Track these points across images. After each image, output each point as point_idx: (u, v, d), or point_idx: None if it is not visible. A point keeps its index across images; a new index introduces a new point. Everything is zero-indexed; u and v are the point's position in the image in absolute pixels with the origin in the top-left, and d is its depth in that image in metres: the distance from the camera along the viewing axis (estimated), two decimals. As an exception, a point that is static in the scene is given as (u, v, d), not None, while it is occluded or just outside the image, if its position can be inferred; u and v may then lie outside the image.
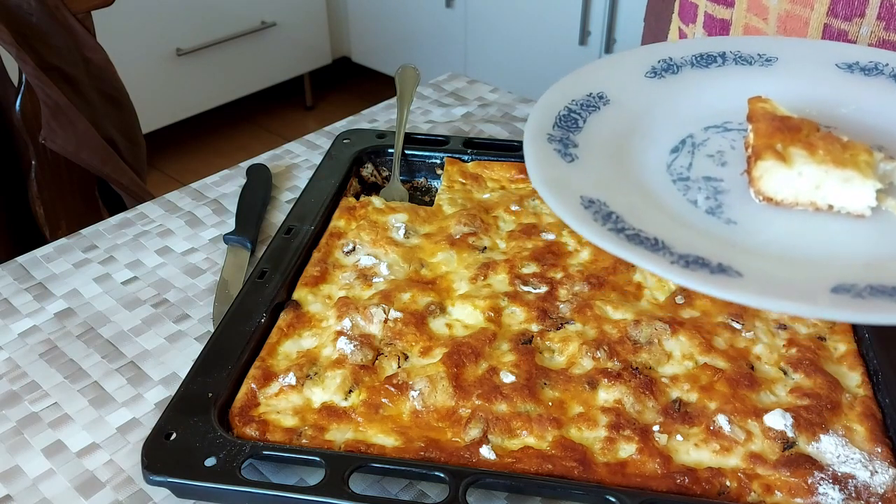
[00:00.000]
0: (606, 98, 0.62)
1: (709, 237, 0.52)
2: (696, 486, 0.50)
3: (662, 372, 0.58)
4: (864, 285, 0.45)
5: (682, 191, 0.56)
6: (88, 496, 0.53)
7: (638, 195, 0.55)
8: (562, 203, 0.52)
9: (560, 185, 0.54)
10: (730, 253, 0.49)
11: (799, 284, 0.46)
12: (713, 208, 0.54)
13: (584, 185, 0.54)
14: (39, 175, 1.08)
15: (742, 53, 0.64)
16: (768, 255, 0.50)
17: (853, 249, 0.51)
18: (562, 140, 0.58)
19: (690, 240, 0.50)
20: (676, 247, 0.49)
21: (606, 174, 0.56)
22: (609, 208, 0.52)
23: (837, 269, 0.48)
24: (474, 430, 0.53)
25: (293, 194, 0.82)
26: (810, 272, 0.48)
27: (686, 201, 0.55)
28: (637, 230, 0.50)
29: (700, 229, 0.52)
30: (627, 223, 0.51)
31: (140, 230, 0.78)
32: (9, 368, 0.63)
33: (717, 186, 0.56)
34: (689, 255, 0.48)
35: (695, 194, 0.56)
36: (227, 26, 2.49)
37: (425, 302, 0.63)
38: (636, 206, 0.53)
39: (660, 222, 0.52)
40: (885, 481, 0.50)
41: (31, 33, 1.03)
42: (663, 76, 0.64)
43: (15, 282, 0.71)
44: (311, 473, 0.53)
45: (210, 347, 0.58)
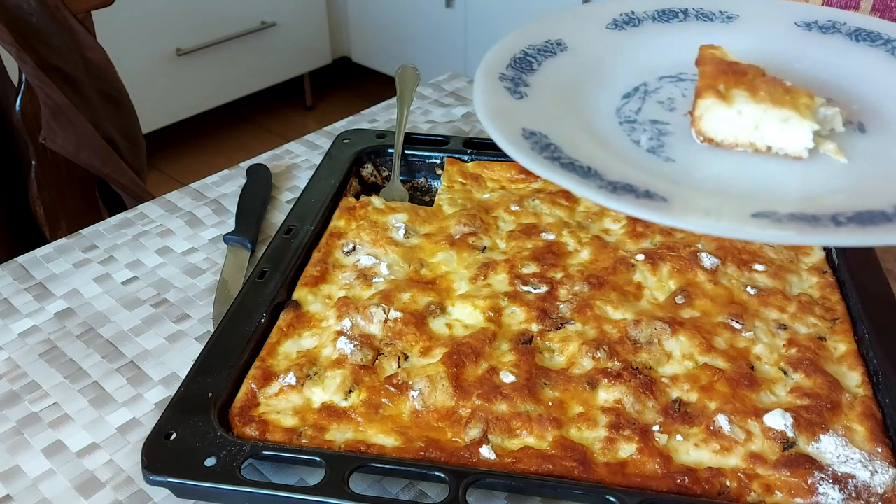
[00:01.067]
0: (564, 45, 0.63)
1: (643, 170, 0.52)
2: (696, 486, 0.50)
3: (662, 372, 0.58)
4: (785, 213, 0.46)
5: (628, 132, 0.56)
6: (88, 496, 0.53)
7: (581, 131, 0.55)
8: (502, 131, 0.52)
9: (503, 115, 0.55)
10: (660, 183, 0.50)
11: (721, 209, 0.47)
12: (655, 147, 0.55)
13: (527, 119, 0.55)
14: (39, 175, 1.08)
15: (704, 10, 0.65)
16: (699, 188, 0.51)
17: (785, 187, 0.51)
18: (513, 79, 0.59)
19: (623, 170, 0.51)
20: (608, 175, 0.50)
21: (552, 111, 0.57)
22: (549, 140, 0.53)
23: (763, 201, 0.48)
24: (474, 430, 0.53)
25: (293, 194, 0.82)
26: (736, 202, 0.48)
27: (629, 140, 0.56)
28: (573, 159, 0.51)
29: (636, 163, 0.53)
30: (564, 153, 0.51)
31: (140, 230, 0.78)
32: (9, 368, 0.63)
33: (662, 129, 0.56)
34: (618, 181, 0.49)
35: (639, 135, 0.56)
36: (227, 26, 2.49)
37: (425, 302, 0.63)
38: (577, 140, 0.54)
39: (597, 155, 0.53)
40: (885, 481, 0.50)
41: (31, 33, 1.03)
42: (624, 28, 0.64)
43: (15, 282, 0.71)
44: (311, 473, 0.53)
45: (210, 347, 0.58)
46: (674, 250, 0.67)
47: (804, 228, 0.44)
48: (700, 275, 0.65)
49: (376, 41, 2.73)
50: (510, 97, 0.57)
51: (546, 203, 0.74)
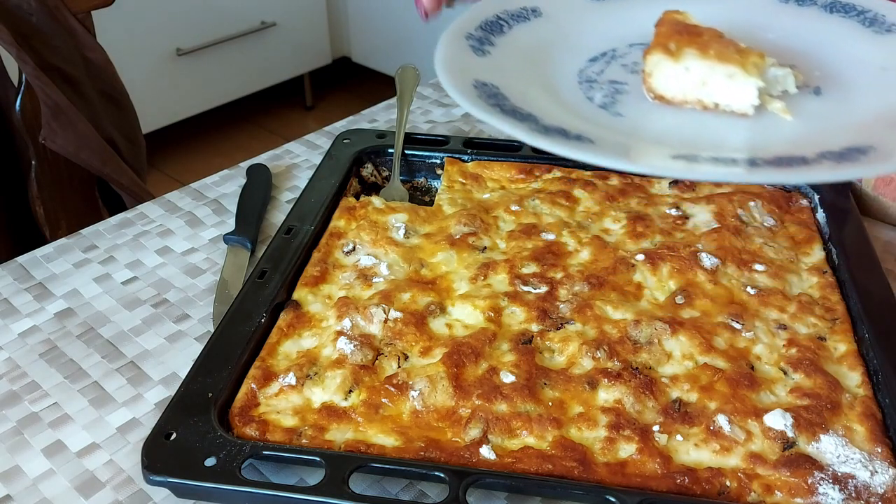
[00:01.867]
0: (539, 12, 0.63)
1: (585, 120, 0.52)
2: (696, 486, 0.50)
3: (662, 372, 0.58)
4: (706, 156, 0.47)
5: (585, 90, 0.57)
6: (88, 496, 0.53)
7: (535, 86, 0.56)
8: (453, 80, 0.53)
9: (460, 67, 0.55)
10: (595, 129, 0.50)
11: (643, 151, 0.48)
12: (607, 104, 0.55)
13: (483, 72, 0.55)
14: (39, 175, 1.08)
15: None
16: (634, 136, 0.51)
17: (725, 140, 0.52)
18: (480, 39, 0.59)
19: (563, 118, 0.51)
20: (546, 120, 0.50)
21: (511, 68, 0.57)
22: (498, 90, 0.53)
23: (692, 147, 0.49)
24: (474, 430, 0.53)
25: (293, 194, 0.82)
26: (662, 147, 0.49)
27: (584, 97, 0.56)
28: (516, 107, 0.51)
29: (582, 115, 0.53)
30: (510, 102, 0.52)
31: (140, 230, 0.78)
32: (9, 368, 0.63)
33: (619, 88, 0.57)
34: (552, 125, 0.49)
35: (594, 93, 0.57)
36: (227, 26, 2.49)
37: (425, 302, 0.63)
38: (528, 93, 0.54)
39: (543, 105, 0.53)
40: (885, 481, 0.50)
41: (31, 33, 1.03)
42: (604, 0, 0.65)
43: (15, 282, 0.71)
44: (311, 473, 0.53)
45: (210, 347, 0.58)
46: (674, 250, 0.67)
47: (717, 167, 0.45)
48: (700, 275, 0.65)
49: (376, 41, 2.73)
50: (472, 54, 0.58)
51: (546, 203, 0.74)
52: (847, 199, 0.74)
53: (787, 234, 0.71)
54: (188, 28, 2.40)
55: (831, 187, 0.75)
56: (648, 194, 0.75)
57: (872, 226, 0.76)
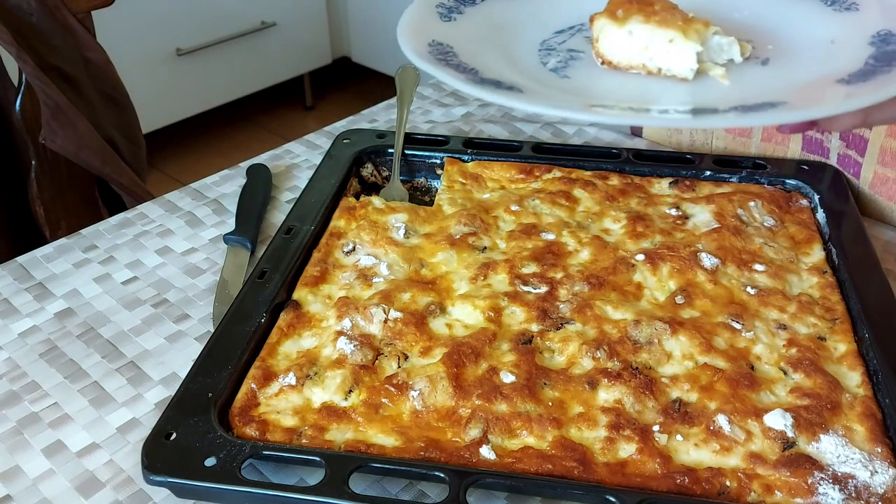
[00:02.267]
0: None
1: (527, 77, 0.53)
2: (696, 486, 0.50)
3: (662, 372, 0.58)
4: (623, 106, 0.48)
5: (542, 56, 0.58)
6: (88, 496, 0.53)
7: (491, 49, 0.57)
8: (409, 39, 0.54)
9: (418, 29, 0.56)
10: (531, 84, 0.52)
11: (566, 100, 0.50)
12: (558, 68, 0.56)
13: (442, 34, 0.56)
14: (39, 175, 1.08)
15: None
16: (569, 91, 0.53)
17: (660, 101, 0.53)
18: (450, 8, 0.60)
19: (505, 74, 0.52)
20: (486, 74, 0.51)
21: (473, 33, 0.58)
22: (451, 49, 0.54)
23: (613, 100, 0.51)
24: (474, 430, 0.53)
25: (293, 194, 0.82)
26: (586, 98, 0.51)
27: (538, 62, 0.57)
28: (462, 62, 0.53)
29: (527, 74, 0.54)
30: (458, 59, 0.53)
31: (140, 230, 0.78)
32: (9, 368, 0.63)
33: (574, 55, 0.58)
34: (490, 78, 0.51)
35: (550, 59, 0.57)
36: (227, 26, 2.49)
37: (425, 302, 0.63)
38: (481, 54, 0.55)
39: (490, 64, 0.54)
40: (885, 481, 0.50)
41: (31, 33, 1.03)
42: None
43: (15, 282, 0.71)
44: (311, 473, 0.53)
45: (210, 347, 0.58)
46: (674, 250, 0.67)
47: (627, 113, 0.47)
48: (700, 275, 0.65)
49: (376, 41, 2.73)
50: (437, 19, 0.59)
51: (546, 203, 0.74)
52: (847, 199, 0.74)
53: (787, 234, 0.71)
54: (188, 28, 2.40)
55: (831, 188, 0.75)
56: (648, 194, 0.75)
57: (872, 226, 0.76)
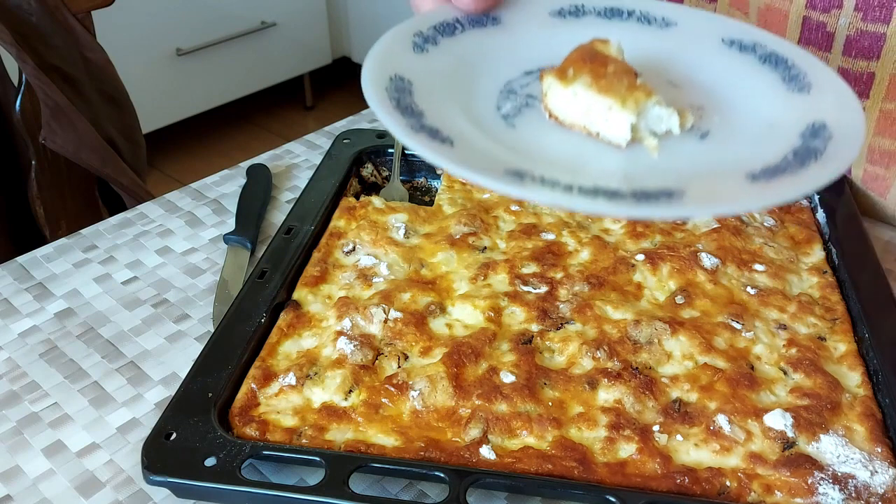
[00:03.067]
0: (499, 20, 0.62)
1: (473, 124, 0.53)
2: (696, 486, 0.50)
3: (662, 372, 0.58)
4: (539, 175, 0.47)
5: (500, 98, 0.57)
6: (88, 496, 0.53)
7: (449, 86, 0.56)
8: (371, 70, 0.54)
9: (387, 60, 0.55)
10: (470, 134, 0.51)
11: (487, 162, 0.49)
12: (509, 114, 0.55)
13: (406, 68, 0.55)
14: (39, 175, 1.08)
15: (647, 14, 0.65)
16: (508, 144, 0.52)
17: (584, 165, 0.52)
18: (427, 38, 0.59)
19: (448, 120, 0.52)
20: (428, 119, 0.51)
21: (440, 66, 0.57)
22: (410, 85, 0.54)
23: (536, 164, 0.50)
24: (474, 430, 0.53)
25: (293, 194, 0.82)
26: (510, 159, 0.50)
27: (493, 105, 0.56)
28: (413, 103, 0.52)
29: (472, 120, 0.53)
30: (411, 98, 0.52)
31: (140, 230, 0.78)
32: (9, 368, 0.63)
33: (530, 102, 0.57)
34: (429, 125, 0.50)
35: (506, 102, 0.57)
36: (227, 26, 2.49)
37: (425, 302, 0.63)
38: (437, 92, 0.54)
39: (440, 106, 0.53)
40: (885, 481, 0.50)
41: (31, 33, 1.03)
42: (565, 17, 0.64)
43: (15, 282, 0.71)
44: (311, 473, 0.53)
45: (210, 347, 0.58)
46: (674, 250, 0.67)
47: (537, 189, 0.46)
48: (700, 275, 0.65)
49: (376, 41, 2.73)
50: (409, 50, 0.58)
51: (546, 203, 0.74)
52: (847, 199, 0.74)
53: (787, 234, 0.71)
54: (188, 28, 2.40)
55: (831, 187, 0.75)
56: (648, 194, 0.75)
57: (872, 226, 0.76)
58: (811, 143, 0.51)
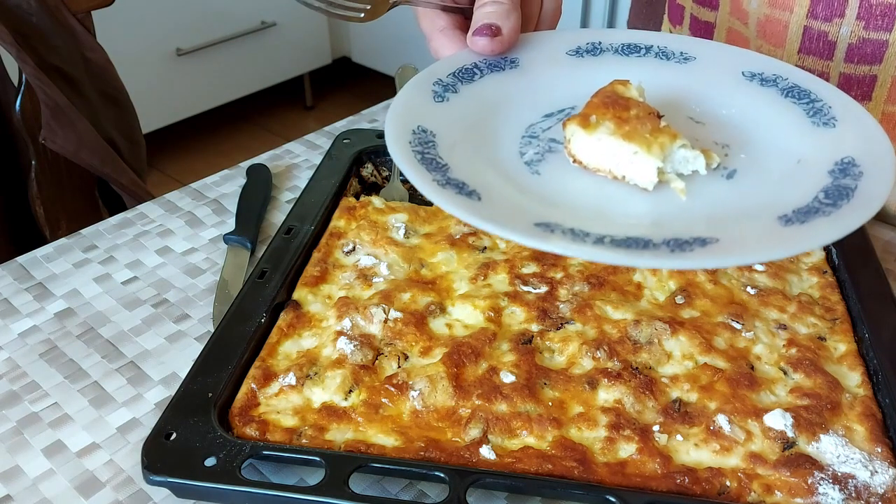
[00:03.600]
0: (517, 63, 0.62)
1: (498, 174, 0.53)
2: (696, 486, 0.50)
3: (662, 372, 0.58)
4: (570, 227, 0.47)
5: (522, 144, 0.57)
6: (88, 496, 0.53)
7: (473, 136, 0.56)
8: (392, 125, 0.53)
9: (406, 113, 0.55)
10: (497, 186, 0.51)
11: (515, 216, 0.48)
12: (533, 160, 0.55)
13: (428, 119, 0.55)
14: (39, 175, 1.08)
15: (666, 49, 0.65)
16: (534, 193, 0.52)
17: (612, 211, 0.52)
18: (446, 86, 0.59)
19: (472, 172, 0.51)
20: (453, 172, 0.50)
21: (460, 114, 0.57)
22: (433, 138, 0.53)
23: (564, 213, 0.50)
24: (474, 430, 0.53)
25: (293, 194, 0.82)
26: (537, 211, 0.49)
27: (516, 151, 0.56)
28: (437, 156, 0.52)
29: (497, 169, 0.53)
30: (436, 150, 0.52)
31: (140, 230, 0.78)
32: (9, 368, 0.63)
33: (552, 147, 0.57)
34: (455, 179, 0.50)
35: (528, 148, 0.56)
36: (227, 26, 2.49)
37: (425, 302, 0.63)
38: (461, 142, 0.54)
39: (463, 157, 0.53)
40: (885, 481, 0.50)
41: (31, 33, 1.04)
42: (583, 56, 0.64)
43: (15, 282, 0.71)
44: (311, 473, 0.53)
45: (210, 347, 0.58)
46: (674, 250, 0.67)
47: (568, 243, 0.46)
48: (700, 275, 0.65)
49: (376, 41, 2.73)
50: (430, 100, 0.57)
51: (546, 203, 0.74)
52: (847, 199, 0.74)
53: (787, 234, 0.71)
54: (188, 28, 2.40)
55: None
56: (648, 194, 0.75)
57: (872, 226, 0.76)
58: (842, 180, 0.50)
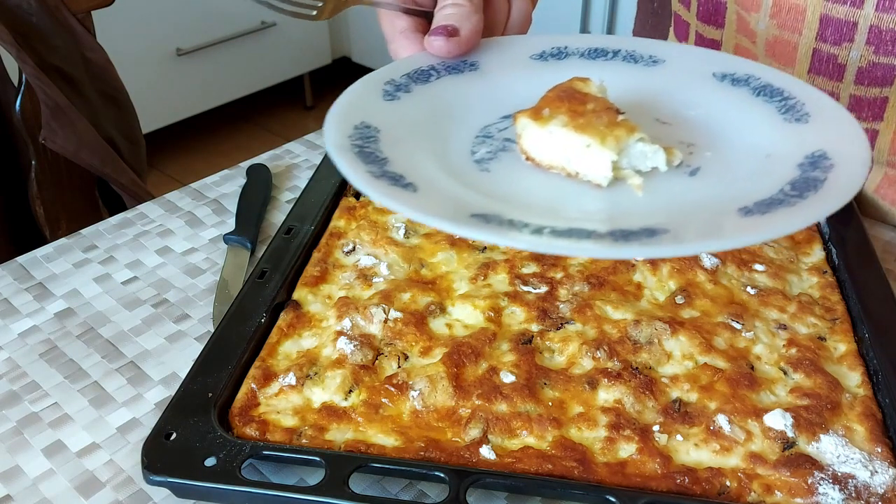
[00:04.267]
0: (477, 66, 0.60)
1: (443, 170, 0.51)
2: (696, 486, 0.50)
3: (662, 372, 0.58)
4: (505, 218, 0.45)
5: (475, 143, 0.55)
6: (88, 496, 0.53)
7: (420, 134, 0.53)
8: (333, 118, 0.51)
9: (350, 108, 0.53)
10: (435, 181, 0.49)
11: (452, 207, 0.46)
12: (484, 159, 0.53)
13: (373, 116, 0.53)
14: (39, 175, 1.08)
15: (634, 53, 0.63)
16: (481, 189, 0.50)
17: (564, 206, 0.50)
18: (400, 86, 0.57)
19: (415, 167, 0.49)
20: (391, 165, 0.48)
21: (409, 114, 0.55)
22: (376, 133, 0.51)
23: (509, 207, 0.47)
24: (474, 430, 0.53)
25: (293, 194, 0.82)
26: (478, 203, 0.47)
27: (467, 150, 0.54)
28: (375, 150, 0.50)
29: (443, 165, 0.51)
30: (376, 145, 0.50)
31: (140, 230, 0.78)
32: (9, 368, 0.63)
33: (507, 146, 0.55)
34: (391, 172, 0.47)
35: (480, 147, 0.54)
36: (227, 26, 2.49)
37: (425, 302, 0.63)
38: (404, 138, 0.52)
39: (408, 153, 0.51)
40: (885, 481, 0.50)
41: (31, 33, 1.04)
42: (547, 60, 0.62)
43: (15, 282, 0.71)
44: (311, 473, 0.53)
45: (210, 347, 0.58)
46: (674, 250, 0.67)
47: (503, 232, 0.44)
48: (700, 275, 0.65)
49: (376, 41, 2.73)
50: (379, 98, 0.55)
51: (546, 203, 0.74)
52: (847, 199, 0.74)
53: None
54: (188, 28, 2.40)
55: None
56: (648, 194, 0.75)
57: (872, 226, 0.76)
58: (811, 173, 0.48)
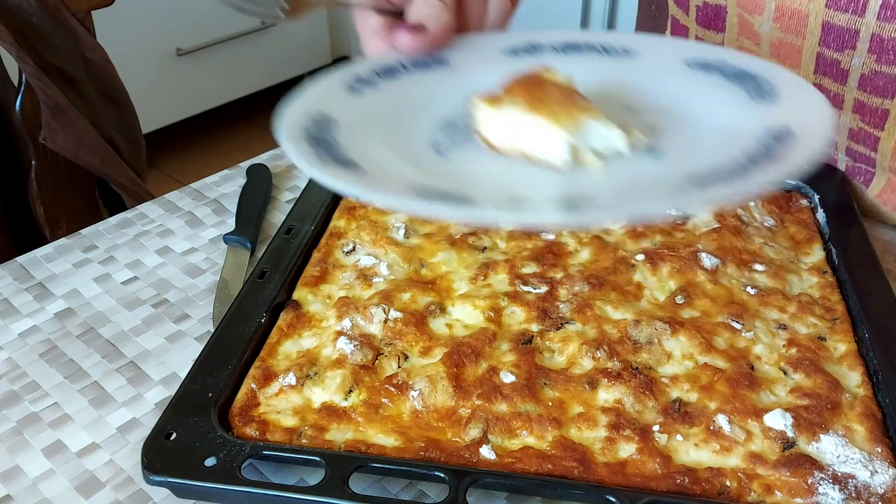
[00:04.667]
0: (448, 62, 0.59)
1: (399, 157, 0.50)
2: (696, 486, 0.50)
3: (662, 372, 0.58)
4: (442, 189, 0.45)
5: (434, 131, 0.54)
6: (88, 496, 0.53)
7: (380, 125, 0.53)
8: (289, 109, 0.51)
9: (308, 100, 0.53)
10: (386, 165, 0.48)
11: (393, 184, 0.46)
12: (442, 146, 0.53)
13: (333, 107, 0.52)
14: (39, 175, 1.08)
15: (606, 45, 0.62)
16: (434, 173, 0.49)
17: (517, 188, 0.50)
18: (364, 80, 0.56)
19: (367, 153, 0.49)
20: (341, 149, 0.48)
21: (372, 107, 0.54)
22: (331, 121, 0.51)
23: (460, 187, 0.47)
24: (474, 430, 0.53)
25: (293, 194, 0.82)
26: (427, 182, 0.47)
27: (425, 138, 0.53)
28: (326, 136, 0.49)
29: (398, 150, 0.51)
30: (329, 135, 0.49)
31: (140, 230, 0.78)
32: (9, 368, 0.63)
33: (469, 136, 0.54)
34: (342, 156, 0.47)
35: (438, 134, 0.54)
36: (227, 26, 2.49)
37: (425, 302, 0.63)
38: (363, 129, 0.51)
39: (363, 140, 0.50)
40: (885, 481, 0.50)
41: (31, 33, 1.04)
42: (518, 55, 0.61)
43: (15, 282, 0.71)
44: (311, 473, 0.53)
45: (210, 347, 0.59)
46: (674, 250, 0.67)
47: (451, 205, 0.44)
48: (700, 275, 0.65)
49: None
50: (342, 92, 0.55)
51: (546, 203, 0.74)
52: (847, 199, 0.74)
53: (787, 234, 0.71)
54: (188, 28, 2.40)
55: (831, 188, 0.75)
56: (648, 194, 0.75)
57: (872, 226, 0.76)
58: (770, 144, 0.48)
